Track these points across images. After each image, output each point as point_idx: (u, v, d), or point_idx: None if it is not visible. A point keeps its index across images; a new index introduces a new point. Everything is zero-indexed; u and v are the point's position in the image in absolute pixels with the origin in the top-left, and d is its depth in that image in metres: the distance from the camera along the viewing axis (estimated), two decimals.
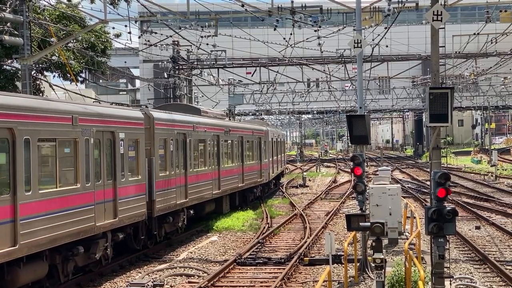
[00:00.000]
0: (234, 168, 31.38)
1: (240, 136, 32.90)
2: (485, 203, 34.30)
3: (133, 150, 19.56)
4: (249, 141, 34.93)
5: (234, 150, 31.50)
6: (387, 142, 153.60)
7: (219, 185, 28.46)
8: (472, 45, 46.12)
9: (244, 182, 33.11)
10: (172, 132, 22.65)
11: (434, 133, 12.55)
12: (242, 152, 33.02)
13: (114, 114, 18.80)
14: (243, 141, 33.42)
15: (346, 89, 68.37)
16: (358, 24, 19.57)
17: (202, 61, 47.10)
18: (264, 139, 39.15)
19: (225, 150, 29.92)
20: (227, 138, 30.12)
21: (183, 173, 23.67)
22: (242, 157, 33.06)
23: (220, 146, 28.78)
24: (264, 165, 38.23)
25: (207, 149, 26.81)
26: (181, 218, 23.62)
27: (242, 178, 32.86)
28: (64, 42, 28.07)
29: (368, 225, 13.21)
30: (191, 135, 24.67)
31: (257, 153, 37.09)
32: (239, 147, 32.60)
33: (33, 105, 14.66)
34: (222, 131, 29.41)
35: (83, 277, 17.61)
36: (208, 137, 26.99)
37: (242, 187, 32.94)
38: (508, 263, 19.31)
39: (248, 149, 34.78)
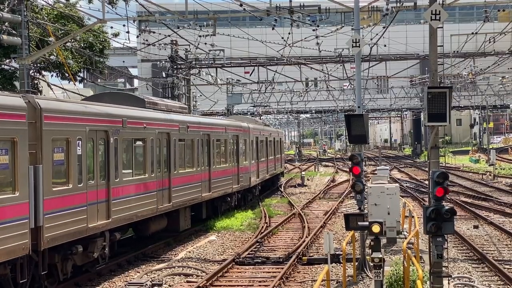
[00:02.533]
0: (195, 173, 25.57)
1: (205, 134, 27.20)
2: (483, 203, 34.32)
3: (4, 154, 13.93)
4: (220, 140, 29.34)
5: (195, 152, 25.66)
6: (386, 141, 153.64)
7: (169, 197, 22.61)
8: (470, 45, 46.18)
9: (211, 191, 27.49)
10: (80, 130, 16.72)
11: (432, 133, 12.56)
12: (209, 153, 27.52)
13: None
14: (211, 140, 27.83)
15: (345, 89, 68.41)
16: (356, 24, 19.58)
17: (200, 61, 47.06)
18: (244, 137, 33.84)
19: (180, 152, 24.22)
20: (183, 137, 24.40)
21: (104, 184, 17.96)
22: (209, 159, 27.58)
23: (172, 146, 23.08)
24: (243, 169, 33.05)
25: (149, 151, 21.08)
26: (98, 246, 17.68)
27: (208, 185, 27.22)
28: (62, 41, 28.06)
29: (366, 224, 13.22)
30: (120, 133, 18.91)
31: (233, 154, 31.58)
32: (203, 147, 26.81)
33: None
34: (175, 127, 23.53)
35: (81, 277, 17.61)
36: (151, 135, 21.29)
37: (208, 196, 27.19)
38: (506, 262, 19.34)
39: (218, 150, 29.31)
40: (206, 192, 26.94)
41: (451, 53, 47.89)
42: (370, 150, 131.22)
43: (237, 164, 31.84)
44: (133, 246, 22.19)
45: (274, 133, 46.87)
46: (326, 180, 54.42)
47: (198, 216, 27.28)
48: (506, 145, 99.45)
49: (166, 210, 22.51)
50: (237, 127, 32.98)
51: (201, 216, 27.50)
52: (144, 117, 21.04)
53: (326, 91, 62.53)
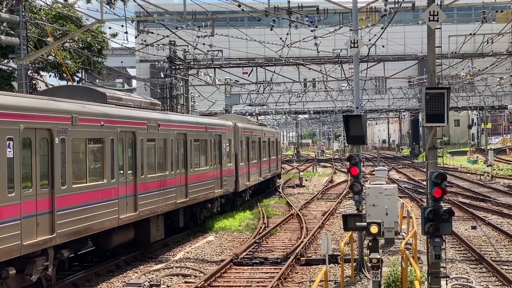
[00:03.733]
0: (168, 178, 22.69)
1: (181, 134, 24.28)
2: (481, 203, 34.34)
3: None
4: (199, 140, 26.39)
5: (168, 153, 22.79)
6: (384, 142, 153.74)
7: (135, 205, 19.84)
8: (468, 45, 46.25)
9: (188, 196, 24.60)
10: (10, 128, 13.99)
11: (430, 133, 12.58)
12: (185, 155, 24.66)
13: None
14: (188, 140, 24.94)
15: (343, 89, 68.49)
16: (354, 24, 19.59)
17: (198, 61, 47.11)
18: (228, 137, 30.89)
19: (150, 153, 21.33)
20: (153, 136, 21.51)
21: (46, 193, 15.25)
22: (186, 161, 24.72)
23: (138, 147, 20.25)
24: (228, 172, 30.17)
25: (107, 153, 18.19)
26: (38, 267, 15.03)
27: (185, 190, 24.36)
28: (60, 42, 28.08)
29: (364, 225, 13.23)
30: (68, 132, 16.15)
31: (215, 156, 28.68)
32: (178, 148, 23.96)
33: None
34: (142, 125, 20.63)
35: (79, 277, 17.61)
36: (111, 134, 18.47)
37: (184, 203, 24.38)
38: (504, 263, 19.35)
39: (197, 151, 26.38)
40: (182, 198, 24.10)
41: (449, 54, 47.98)
42: (368, 150, 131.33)
43: (219, 167, 29.05)
44: (132, 246, 22.17)
45: (268, 133, 44.41)
46: (324, 181, 54.43)
47: (174, 224, 24.73)
48: (504, 146, 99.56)
49: (131, 220, 19.74)
50: (220, 126, 30.06)
51: (178, 225, 24.88)
52: (101, 113, 18.17)
53: (324, 91, 62.61)
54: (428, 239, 12.33)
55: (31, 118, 14.71)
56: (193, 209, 26.20)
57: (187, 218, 25.80)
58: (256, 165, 37.68)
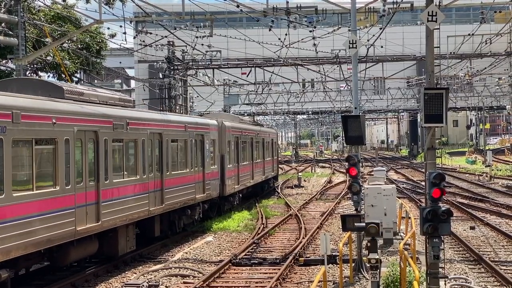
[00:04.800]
0: (139, 182, 20.44)
1: (155, 133, 21.91)
2: (479, 204, 34.36)
3: None
4: (177, 140, 24.13)
5: (139, 155, 20.48)
6: (382, 142, 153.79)
7: (97, 214, 17.53)
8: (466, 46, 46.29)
9: (164, 203, 22.30)
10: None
11: (429, 134, 12.58)
12: (161, 157, 22.36)
13: None
14: (163, 141, 22.60)
15: (341, 90, 68.51)
16: (353, 25, 19.60)
17: (197, 62, 47.11)
18: (212, 137, 28.56)
19: (116, 155, 19.15)
20: (121, 136, 19.26)
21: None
22: (162, 164, 22.40)
23: (101, 148, 17.97)
24: (211, 175, 27.93)
25: (61, 155, 15.87)
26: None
27: (160, 196, 22.11)
28: (59, 42, 28.07)
29: (363, 225, 13.23)
30: (8, 131, 13.93)
31: (196, 157, 26.23)
32: (152, 149, 21.67)
33: None
34: (107, 124, 18.35)
35: (78, 278, 17.59)
36: (66, 134, 16.13)
37: (160, 210, 22.12)
38: (502, 263, 19.36)
39: (175, 153, 24.05)
40: (157, 204, 21.83)
41: (447, 54, 48.00)
42: (367, 151, 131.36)
43: (202, 169, 26.73)
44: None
45: (263, 133, 42.02)
46: (322, 181, 54.43)
47: (149, 234, 22.68)
48: (502, 146, 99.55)
49: (93, 231, 17.44)
50: (203, 125, 27.67)
51: (153, 234, 22.71)
52: (53, 110, 15.82)
53: (323, 92, 62.59)
54: (426, 240, 12.34)
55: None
56: (170, 216, 23.96)
57: (164, 226, 23.59)
58: (247, 167, 35.56)
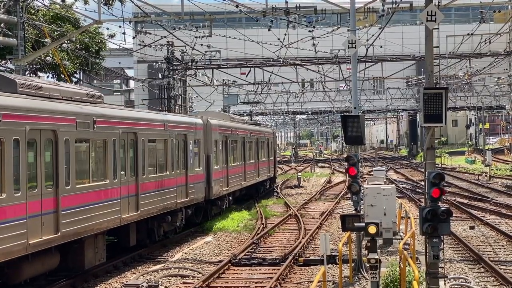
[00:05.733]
0: (109, 187, 18.36)
1: (129, 133, 19.94)
2: (479, 203, 34.36)
3: None
4: (155, 140, 22.15)
5: (109, 157, 18.34)
6: (382, 142, 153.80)
7: (56, 224, 15.52)
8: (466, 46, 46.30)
9: (140, 209, 20.28)
10: None
11: (428, 133, 12.58)
12: (136, 158, 20.33)
13: None
14: (139, 141, 20.53)
15: (341, 90, 68.51)
16: (352, 25, 19.60)
17: (196, 62, 47.08)
18: (197, 136, 26.55)
19: (80, 158, 17.09)
20: (86, 136, 17.24)
21: None
22: (137, 167, 20.33)
23: (61, 149, 15.87)
24: (196, 178, 25.90)
25: (8, 159, 13.98)
26: None
27: (135, 202, 20.01)
28: (58, 42, 28.05)
29: (362, 225, 13.23)
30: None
31: (178, 159, 24.27)
32: (126, 150, 19.70)
33: None
34: (69, 122, 16.26)
35: (77, 278, 17.58)
36: (13, 134, 14.13)
37: (135, 217, 20.14)
38: (502, 263, 19.36)
39: (153, 154, 21.95)
40: (132, 211, 19.81)
41: (447, 54, 48.00)
42: (366, 151, 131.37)
43: (185, 171, 24.77)
44: (129, 247, 22.14)
45: (257, 132, 40.31)
46: (322, 181, 54.44)
47: (124, 243, 20.95)
48: (502, 146, 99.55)
49: (51, 243, 15.35)
50: (185, 123, 25.54)
51: (128, 244, 20.85)
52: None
53: (322, 92, 62.59)
54: (426, 239, 12.33)
55: None
56: (148, 223, 22.10)
57: (141, 235, 21.74)
58: (238, 168, 33.74)
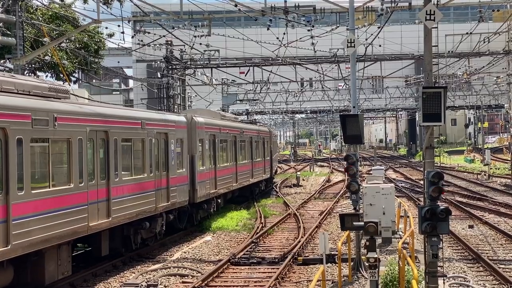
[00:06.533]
0: (74, 192, 16.45)
1: (100, 131, 18.13)
2: (478, 202, 34.39)
3: None
4: (130, 139, 20.20)
5: (73, 158, 16.51)
6: (381, 141, 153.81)
7: (6, 235, 13.85)
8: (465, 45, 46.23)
9: (112, 215, 18.53)
10: None
11: (427, 133, 12.58)
12: (107, 160, 18.51)
13: None
14: (111, 140, 18.74)
15: (340, 89, 68.45)
16: (351, 24, 19.60)
17: (195, 61, 47.03)
18: (179, 135, 24.59)
19: (36, 159, 15.28)
20: (44, 135, 15.45)
21: None
22: (109, 169, 18.53)
23: (13, 150, 14.14)
24: (178, 180, 24.11)
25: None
26: None
27: (106, 208, 18.24)
28: (57, 42, 28.03)
29: (361, 224, 13.23)
30: None
31: (158, 160, 22.29)
32: (95, 151, 17.80)
33: None
34: (22, 119, 14.57)
35: (76, 278, 17.59)
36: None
37: (104, 225, 18.23)
38: (501, 261, 19.38)
39: (128, 155, 20.10)
40: (102, 218, 17.99)
41: (446, 53, 47.93)
42: (365, 150, 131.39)
43: (166, 173, 22.94)
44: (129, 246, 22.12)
45: (251, 131, 38.48)
46: (321, 180, 54.45)
47: (95, 253, 19.43)
48: (500, 145, 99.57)
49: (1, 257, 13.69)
50: (166, 121, 23.55)
51: (99, 253, 19.18)
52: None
53: (321, 91, 62.55)
54: (425, 238, 12.34)
55: None
56: (124, 230, 20.43)
57: (115, 243, 20.07)
58: (229, 169, 31.96)
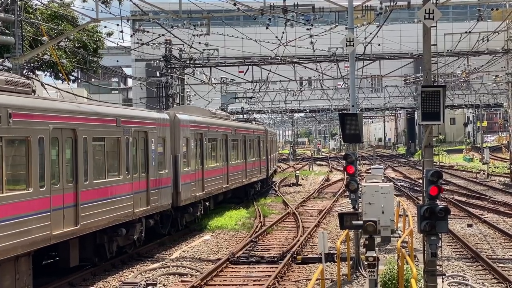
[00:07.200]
0: (30, 198, 14.66)
1: (66, 129, 16.43)
2: (477, 201, 34.40)
3: None
4: (103, 138, 18.51)
5: (34, 159, 14.91)
6: (380, 140, 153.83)
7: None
8: (463, 44, 46.27)
9: (80, 223, 16.69)
10: None
11: (426, 131, 12.58)
12: (75, 161, 16.74)
13: None
14: (79, 140, 16.98)
15: (339, 88, 68.44)
16: (350, 23, 19.60)
17: (194, 60, 47.04)
18: (161, 134, 22.68)
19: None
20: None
21: None
22: (77, 171, 16.83)
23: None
24: (159, 181, 22.17)
25: None
26: None
27: (74, 214, 16.53)
28: (56, 41, 28.02)
29: (360, 223, 13.23)
30: None
31: (136, 160, 20.50)
32: (59, 151, 16.11)
33: None
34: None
35: (76, 277, 17.58)
36: None
37: (69, 234, 16.38)
38: (500, 260, 19.39)
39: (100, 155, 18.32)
40: (68, 225, 16.21)
41: (444, 52, 47.96)
42: (364, 149, 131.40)
43: (145, 175, 21.11)
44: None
45: (244, 130, 36.80)
46: (320, 179, 54.45)
47: (63, 264, 17.61)
48: (499, 144, 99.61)
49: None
50: (145, 118, 21.63)
51: (68, 264, 17.49)
52: None
53: (320, 90, 62.56)
54: (424, 237, 12.34)
55: None
56: (97, 238, 18.80)
57: (87, 252, 18.53)
58: (219, 170, 30.31)
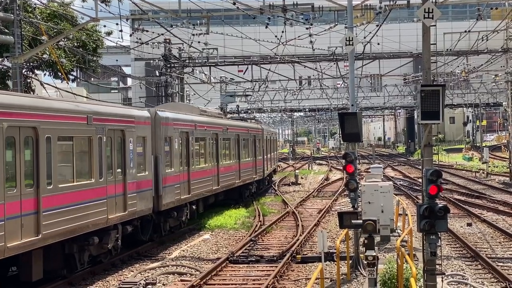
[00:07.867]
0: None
1: (23, 128, 14.83)
2: (476, 200, 34.41)
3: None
4: (72, 138, 17.02)
5: None
6: (379, 139, 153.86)
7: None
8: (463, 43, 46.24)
9: (42, 232, 15.13)
10: None
11: (425, 131, 12.58)
12: (37, 163, 15.25)
13: None
14: (41, 140, 15.45)
15: (338, 87, 68.46)
16: (349, 22, 19.60)
17: (194, 59, 47.04)
18: (140, 132, 21.19)
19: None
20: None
21: None
22: (38, 175, 15.23)
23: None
24: (138, 184, 20.63)
25: None
26: None
27: (35, 223, 14.96)
28: (55, 40, 28.00)
29: (360, 222, 13.23)
30: None
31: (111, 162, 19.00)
32: (16, 152, 14.54)
33: None
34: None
35: (75, 276, 17.58)
36: None
37: (28, 244, 14.78)
38: (499, 259, 19.40)
39: (68, 157, 16.91)
40: (28, 235, 14.66)
41: (444, 51, 47.97)
42: (364, 148, 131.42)
43: (122, 178, 19.60)
44: (128, 245, 22.14)
45: (237, 128, 35.19)
46: (320, 179, 54.46)
47: (24, 277, 15.91)
48: (499, 143, 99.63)
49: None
50: (122, 116, 20.05)
51: (30, 278, 15.70)
52: None
53: (319, 89, 62.57)
54: (423, 236, 12.35)
55: None
56: (65, 249, 17.12)
57: (53, 264, 16.83)
58: (208, 171, 28.75)
